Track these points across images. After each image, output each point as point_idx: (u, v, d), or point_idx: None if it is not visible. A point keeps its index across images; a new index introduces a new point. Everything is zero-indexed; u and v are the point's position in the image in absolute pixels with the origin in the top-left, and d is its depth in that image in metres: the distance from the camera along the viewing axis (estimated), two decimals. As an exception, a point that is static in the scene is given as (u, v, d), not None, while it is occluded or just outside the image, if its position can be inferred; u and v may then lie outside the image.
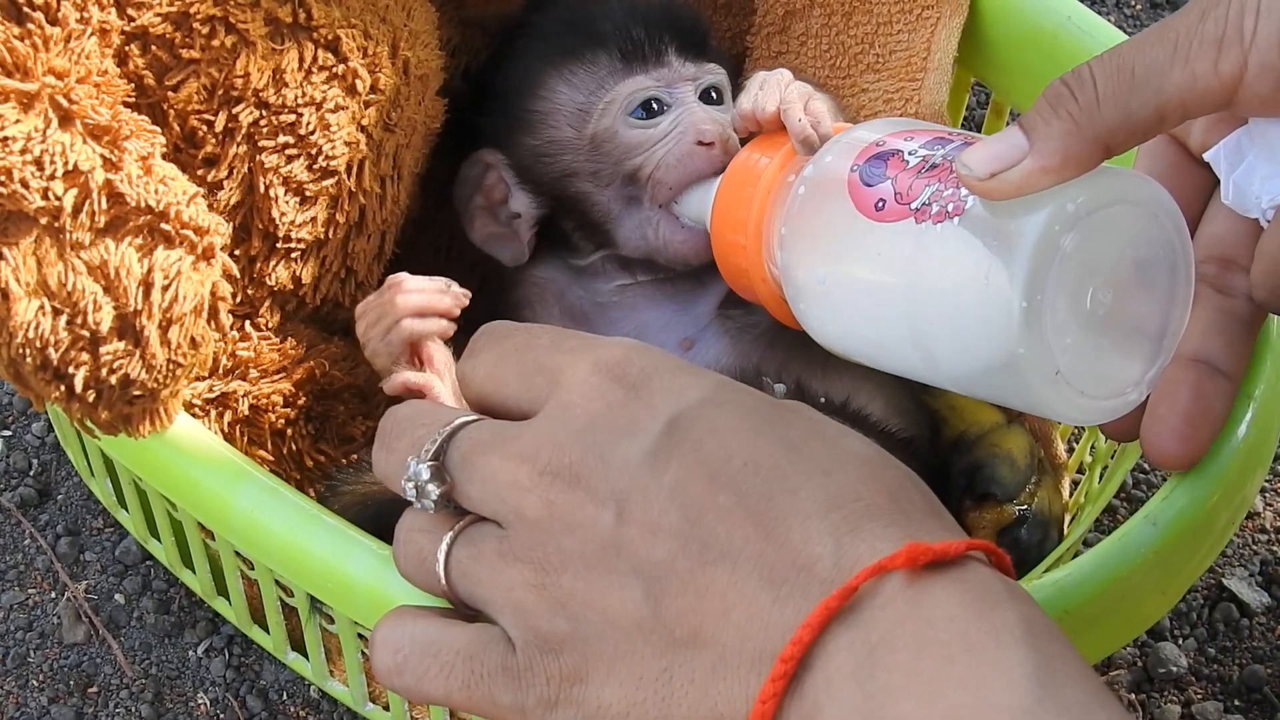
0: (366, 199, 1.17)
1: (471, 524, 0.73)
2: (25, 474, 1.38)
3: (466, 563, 0.72)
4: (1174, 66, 0.77)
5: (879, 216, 0.89)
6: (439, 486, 0.73)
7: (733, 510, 0.65)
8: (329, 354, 1.19)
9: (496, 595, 0.70)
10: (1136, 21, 1.72)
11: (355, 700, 1.17)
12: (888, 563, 0.62)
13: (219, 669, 1.28)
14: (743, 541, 0.64)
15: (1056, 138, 0.78)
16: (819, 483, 0.65)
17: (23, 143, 0.95)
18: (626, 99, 1.21)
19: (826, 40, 1.29)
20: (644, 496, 0.66)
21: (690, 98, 1.21)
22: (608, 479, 0.67)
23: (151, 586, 1.32)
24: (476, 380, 0.76)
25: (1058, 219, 0.80)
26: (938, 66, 1.22)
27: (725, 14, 1.41)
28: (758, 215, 1.05)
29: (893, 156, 0.92)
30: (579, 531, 0.68)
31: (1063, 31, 1.21)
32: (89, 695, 1.27)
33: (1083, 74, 0.78)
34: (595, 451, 0.68)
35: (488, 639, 0.71)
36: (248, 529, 1.05)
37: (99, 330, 0.96)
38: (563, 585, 0.68)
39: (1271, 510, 1.40)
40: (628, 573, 0.66)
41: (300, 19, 1.11)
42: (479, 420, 0.74)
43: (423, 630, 0.72)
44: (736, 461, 0.66)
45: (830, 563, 0.63)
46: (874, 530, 0.64)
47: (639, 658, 0.66)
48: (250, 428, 1.14)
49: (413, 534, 0.75)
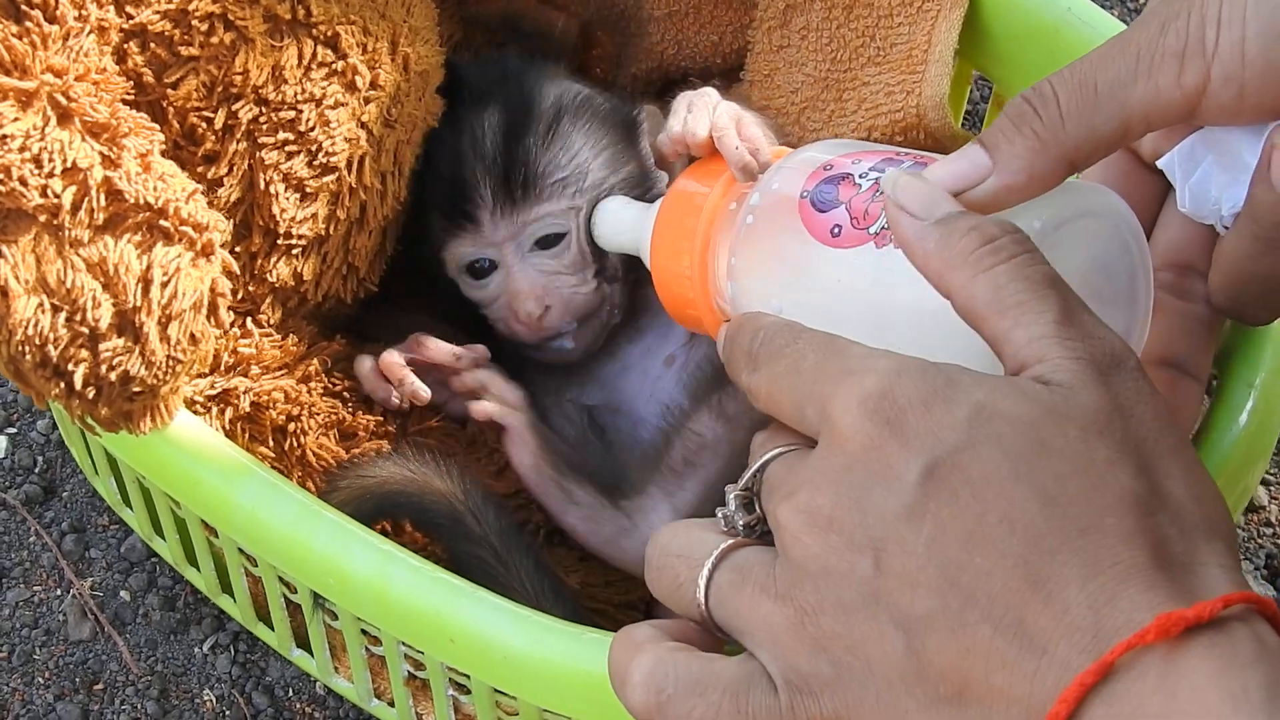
0: (367, 195, 1.17)
1: (734, 550, 0.72)
2: (30, 471, 1.38)
3: (726, 590, 0.71)
4: (1136, 80, 0.77)
5: (835, 243, 0.88)
6: (744, 516, 0.73)
7: (991, 573, 0.64)
8: (331, 351, 1.19)
9: (755, 628, 0.70)
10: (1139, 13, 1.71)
11: (360, 696, 1.17)
12: (1139, 639, 0.61)
13: (224, 665, 1.28)
14: (1003, 608, 0.64)
15: (1021, 155, 0.77)
16: (1076, 545, 0.64)
17: (21, 140, 0.95)
18: (456, 262, 1.23)
19: (827, 33, 1.29)
20: (901, 549, 0.66)
21: (511, 258, 1.21)
22: (864, 527, 0.66)
23: (157, 583, 1.32)
24: (759, 399, 0.75)
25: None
26: (939, 59, 1.22)
27: (726, 8, 1.41)
28: (702, 246, 1.02)
29: (843, 180, 0.90)
30: (835, 576, 0.67)
31: (1064, 24, 1.21)
32: (95, 692, 1.27)
33: (1044, 91, 0.78)
34: (851, 497, 0.67)
35: (750, 676, 0.70)
36: (250, 526, 1.05)
37: (98, 327, 0.96)
38: (822, 627, 0.67)
39: (1277, 504, 1.39)
40: (887, 622, 0.66)
41: (299, 15, 1.10)
42: (785, 452, 0.73)
43: (685, 668, 0.71)
44: (992, 518, 0.65)
45: (1089, 636, 0.62)
46: (1131, 598, 0.63)
47: (902, 710, 0.66)
48: (252, 424, 1.14)
49: (669, 558, 0.75)
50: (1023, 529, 0.64)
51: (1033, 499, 0.65)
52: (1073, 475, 0.65)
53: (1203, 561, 0.65)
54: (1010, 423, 0.66)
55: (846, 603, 0.66)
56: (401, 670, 1.10)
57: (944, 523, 0.65)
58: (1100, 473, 0.66)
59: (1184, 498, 0.67)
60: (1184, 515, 0.66)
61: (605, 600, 1.16)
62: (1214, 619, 0.62)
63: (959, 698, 0.65)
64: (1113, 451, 0.66)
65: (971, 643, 0.64)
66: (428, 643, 1.02)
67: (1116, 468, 0.66)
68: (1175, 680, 0.60)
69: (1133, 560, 0.63)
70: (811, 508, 0.68)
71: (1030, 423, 0.66)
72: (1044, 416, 0.67)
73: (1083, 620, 0.62)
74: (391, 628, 1.04)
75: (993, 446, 0.66)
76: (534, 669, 0.97)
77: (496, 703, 1.04)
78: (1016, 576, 0.64)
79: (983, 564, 0.64)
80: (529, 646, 0.97)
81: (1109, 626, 0.62)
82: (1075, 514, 0.64)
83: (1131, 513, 0.65)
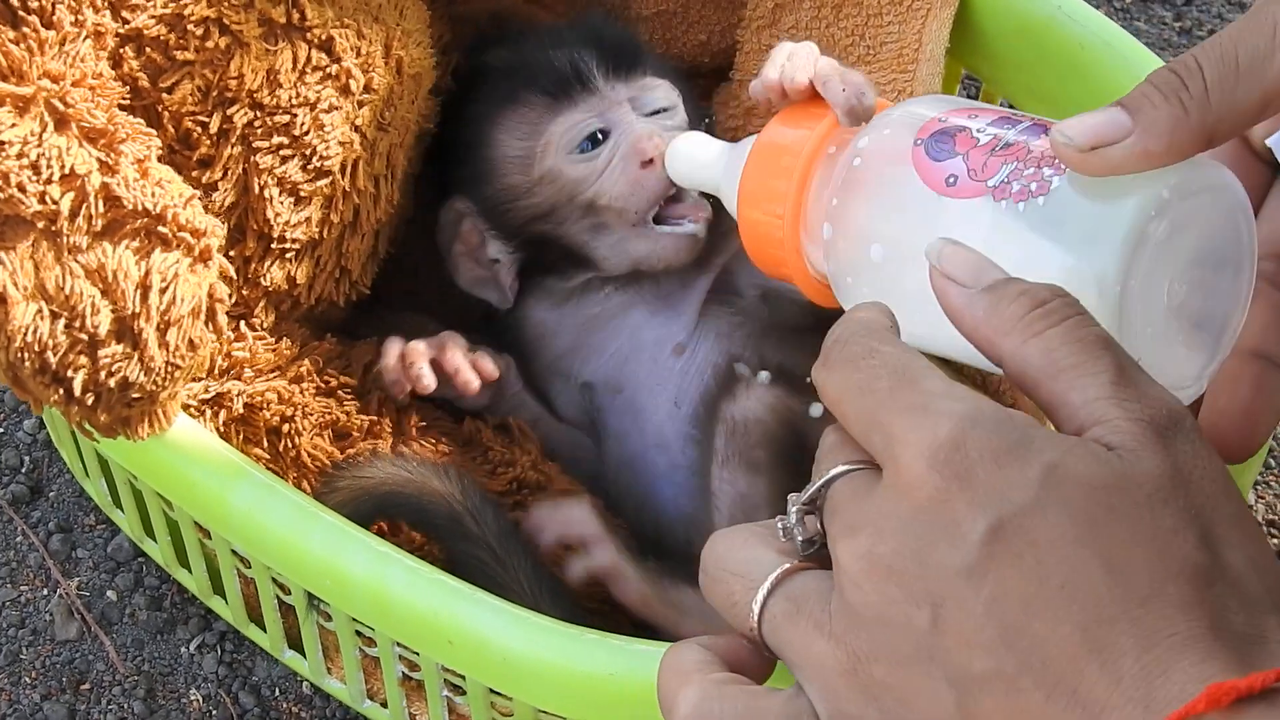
0: (360, 199, 1.17)
1: (790, 575, 0.71)
2: (17, 471, 1.38)
3: (780, 619, 0.71)
4: (1274, 54, 0.76)
5: (951, 192, 0.87)
6: (804, 532, 0.72)
7: (1047, 640, 0.63)
8: (323, 351, 1.19)
9: (807, 665, 0.69)
10: (1127, 14, 1.73)
11: (353, 697, 1.17)
12: (1190, 709, 0.60)
13: (211, 665, 1.28)
14: (1057, 674, 0.63)
15: (1164, 121, 0.76)
16: (1135, 615, 0.63)
17: (19, 147, 0.95)
18: (563, 137, 1.21)
19: (816, 33, 1.29)
20: (959, 608, 0.65)
21: (629, 118, 1.21)
22: (923, 581, 0.66)
23: (144, 583, 1.32)
24: (826, 400, 0.73)
25: (1152, 204, 0.79)
26: (929, 58, 1.22)
27: (714, 7, 1.41)
28: (798, 186, 1.00)
29: (960, 133, 0.89)
30: (891, 627, 0.66)
31: (1053, 22, 1.22)
32: (81, 692, 1.26)
33: (1190, 64, 0.77)
34: (912, 549, 0.66)
35: (796, 715, 0.69)
36: (245, 527, 1.05)
37: (97, 333, 0.96)
38: (874, 675, 0.67)
39: (1264, 503, 1.40)
40: (940, 679, 0.65)
41: (294, 19, 1.10)
42: (852, 471, 0.72)
43: (731, 706, 0.70)
44: (1054, 582, 0.64)
45: (1140, 707, 0.62)
46: (1184, 670, 0.62)
47: None
48: (245, 426, 1.14)
49: (724, 573, 0.73)
50: (1084, 596, 0.64)
51: (1097, 565, 0.64)
52: (1138, 543, 0.65)
53: (1262, 635, 0.64)
54: (1080, 486, 0.65)
55: (901, 655, 0.66)
56: (396, 671, 1.10)
57: (1005, 584, 0.64)
58: (1165, 541, 0.65)
59: (1244, 568, 0.66)
60: (1245, 586, 0.65)
61: (602, 599, 1.16)
62: (1267, 690, 0.61)
63: None
64: (1176, 520, 0.66)
65: (1024, 707, 0.63)
66: (425, 644, 1.02)
67: (1180, 536, 0.65)
68: None
69: (1190, 632, 0.63)
70: (873, 555, 0.67)
71: (1100, 488, 0.65)
72: (1113, 482, 0.66)
73: (1136, 691, 0.62)
74: (388, 629, 1.04)
75: (1061, 510, 0.65)
76: (532, 670, 0.97)
77: (492, 703, 1.05)
78: (1073, 644, 0.63)
79: (1040, 629, 0.64)
80: (527, 648, 0.97)
81: (1161, 698, 0.62)
82: (1138, 583, 0.64)
83: (1192, 583, 0.64)
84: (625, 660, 0.95)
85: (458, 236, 1.27)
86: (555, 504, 1.17)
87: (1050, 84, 1.24)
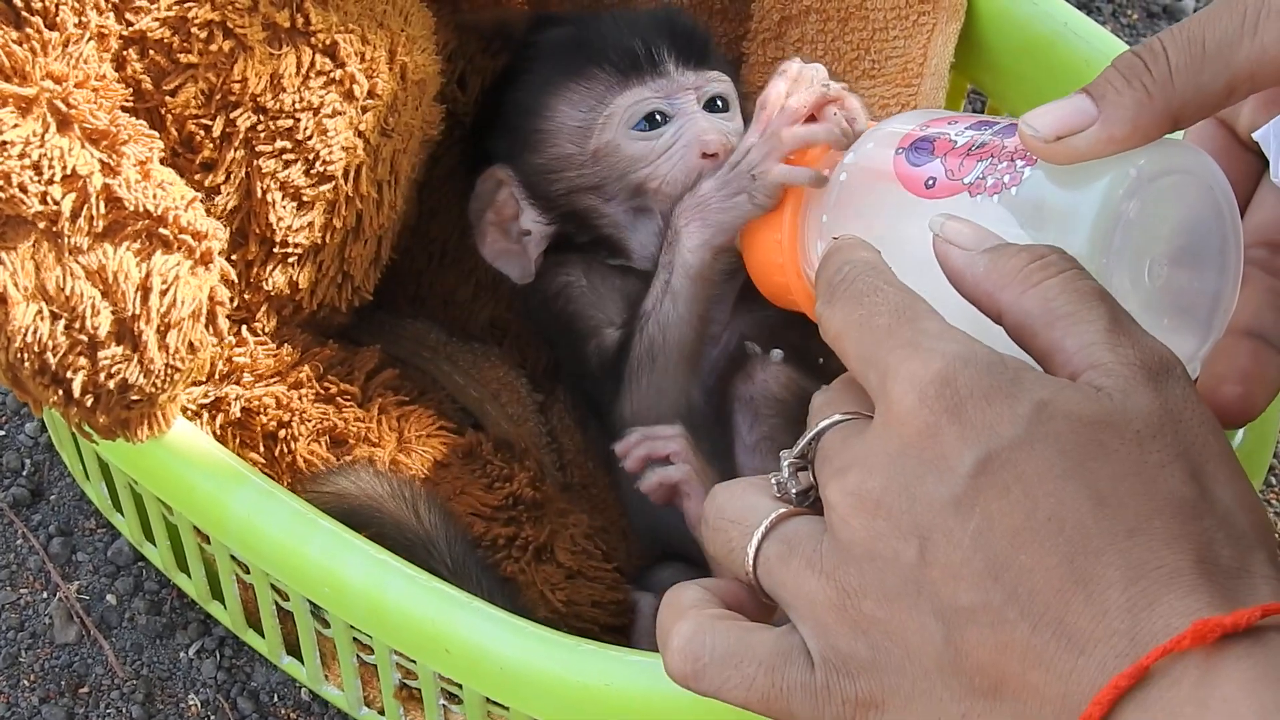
0: (363, 204, 1.17)
1: (784, 520, 0.73)
2: (18, 474, 1.38)
3: (774, 561, 0.72)
4: (1243, 38, 0.77)
5: (930, 194, 0.89)
6: (797, 485, 0.74)
7: (1034, 570, 0.64)
8: (323, 357, 1.19)
9: (799, 602, 0.70)
10: (1134, 30, 1.73)
11: (350, 705, 1.17)
12: (1175, 644, 0.61)
13: (210, 670, 1.27)
14: (1043, 606, 0.64)
15: (1128, 107, 0.77)
16: (1122, 547, 0.64)
17: (21, 147, 0.95)
18: (627, 111, 1.21)
19: (822, 46, 1.29)
20: (947, 540, 0.66)
21: (693, 107, 1.21)
22: (912, 514, 0.67)
23: (143, 587, 1.32)
24: (827, 335, 0.74)
25: (1121, 183, 0.80)
26: (934, 73, 1.22)
27: (721, 19, 1.41)
28: (793, 210, 1.04)
29: (938, 139, 0.91)
30: (879, 562, 0.67)
31: (1059, 38, 1.22)
32: (80, 696, 1.26)
33: (1154, 47, 0.78)
34: (901, 483, 0.67)
35: (787, 650, 0.71)
36: (244, 533, 1.05)
37: (97, 335, 0.96)
38: (863, 610, 0.68)
39: (1271, 510, 1.40)
40: (928, 613, 0.66)
41: (298, 24, 1.10)
42: (842, 421, 0.73)
43: (723, 639, 0.72)
44: (1041, 515, 0.65)
45: (1126, 639, 0.62)
46: (1170, 603, 0.63)
47: (937, 699, 0.66)
48: (242, 430, 1.14)
49: (723, 521, 0.75)
50: (1071, 528, 0.64)
51: (1084, 498, 0.65)
52: (1125, 477, 0.66)
53: (1248, 569, 0.65)
54: (1069, 422, 0.66)
55: (889, 589, 0.67)
56: (393, 679, 1.10)
57: (992, 517, 0.65)
58: (1151, 476, 0.66)
59: (1232, 505, 0.67)
60: (1232, 522, 0.66)
61: (591, 620, 1.16)
62: (1252, 628, 0.61)
63: (994, 692, 0.65)
64: (1164, 456, 0.66)
65: (1010, 639, 0.64)
66: (422, 652, 1.02)
67: (1167, 471, 0.66)
68: (1209, 689, 0.60)
69: (1176, 565, 0.64)
70: (861, 490, 0.68)
71: (1089, 424, 0.66)
72: (1102, 419, 0.67)
73: (1121, 623, 0.63)
74: (386, 637, 1.04)
75: (1049, 444, 0.66)
76: (529, 680, 0.97)
77: (488, 713, 1.04)
78: (1059, 575, 0.64)
79: (1027, 561, 0.64)
80: (524, 657, 0.97)
81: (1147, 630, 0.62)
82: (1125, 515, 0.65)
83: (1179, 517, 0.65)
84: (622, 670, 0.95)
85: (492, 205, 1.27)
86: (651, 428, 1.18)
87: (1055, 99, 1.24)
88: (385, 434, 1.17)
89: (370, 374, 1.22)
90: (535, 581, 1.14)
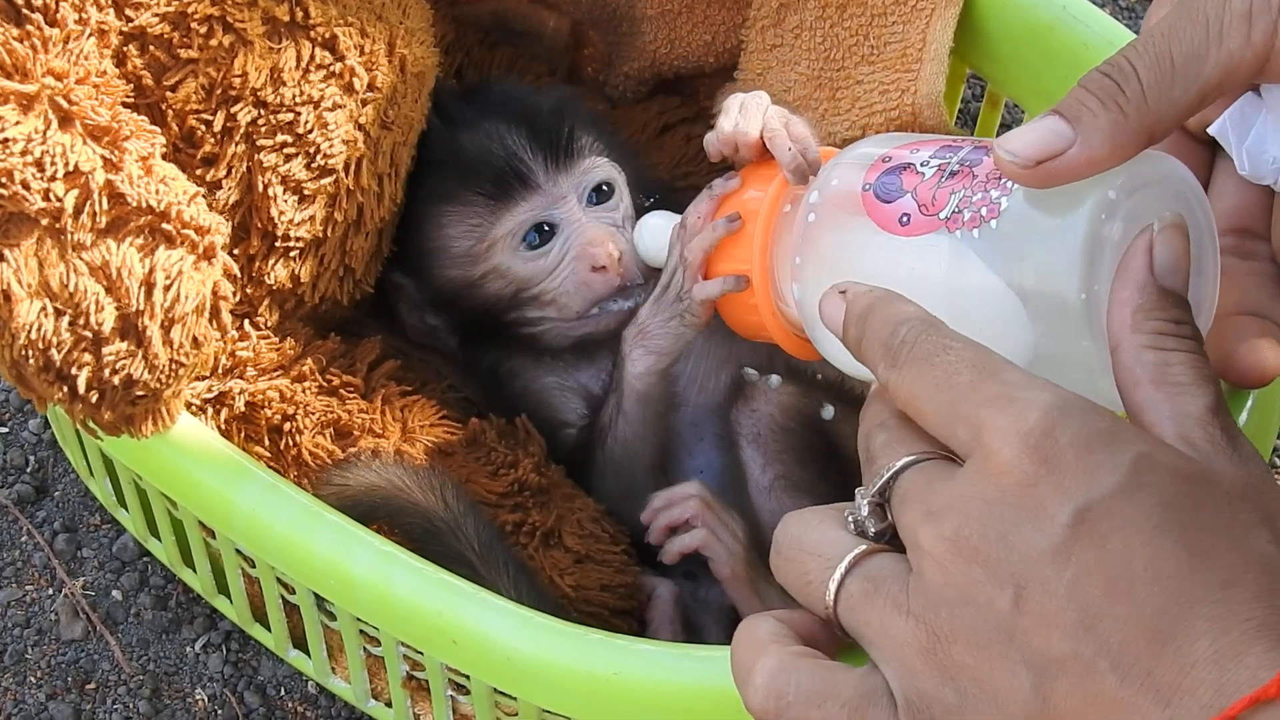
0: (364, 197, 1.17)
1: (867, 557, 0.72)
2: (23, 470, 1.38)
3: (858, 599, 0.71)
4: (1209, 48, 0.77)
5: (905, 231, 0.88)
6: (876, 524, 0.73)
7: (1128, 621, 0.64)
8: (326, 350, 1.19)
9: (884, 643, 0.70)
10: (1132, 13, 1.72)
11: (357, 697, 1.17)
12: (1262, 693, 0.61)
13: (217, 665, 1.28)
14: (1134, 657, 0.64)
15: (1105, 129, 0.77)
16: (1216, 598, 0.64)
17: (23, 144, 0.95)
18: (509, 235, 1.21)
19: (821, 32, 1.29)
20: (1042, 589, 0.66)
21: (575, 212, 1.22)
22: (1008, 562, 0.67)
23: (149, 582, 1.32)
24: (899, 398, 0.74)
25: (1102, 208, 0.79)
26: (934, 57, 1.22)
27: (720, 7, 1.41)
28: (761, 250, 1.04)
29: (905, 170, 0.90)
30: (972, 608, 0.67)
31: (1059, 23, 1.21)
32: (87, 691, 1.27)
33: (1123, 66, 0.78)
34: (998, 531, 0.67)
35: (870, 692, 0.70)
36: (250, 527, 1.05)
37: (101, 331, 0.96)
38: (953, 655, 0.67)
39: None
40: (1018, 661, 0.66)
41: (298, 17, 1.10)
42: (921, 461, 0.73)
43: (807, 678, 0.71)
44: (1138, 565, 0.65)
45: (1212, 690, 0.63)
46: (1257, 656, 0.63)
47: None
48: (247, 424, 1.14)
49: (798, 553, 0.74)
50: (1167, 578, 0.65)
51: (1181, 549, 0.65)
52: (1219, 532, 0.66)
53: None
54: (1168, 476, 0.67)
55: (980, 636, 0.67)
56: (400, 671, 1.10)
57: (1088, 567, 0.65)
58: (1242, 534, 0.67)
59: None
60: None
61: (600, 604, 1.16)
62: None
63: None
64: (1252, 517, 0.67)
65: (1099, 690, 0.64)
66: (430, 644, 1.02)
67: (1255, 531, 0.67)
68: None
69: (1265, 619, 0.64)
70: (959, 537, 0.68)
71: (1186, 479, 0.67)
72: (1197, 475, 0.67)
73: (1208, 675, 0.63)
74: (393, 629, 1.04)
75: (1149, 495, 0.66)
76: (537, 670, 0.97)
77: (496, 703, 1.04)
78: (1152, 627, 0.64)
79: (1122, 612, 0.64)
80: (532, 648, 0.97)
81: (1232, 681, 0.63)
82: (1219, 568, 0.65)
83: (1268, 573, 0.65)
84: (629, 660, 0.95)
85: (400, 299, 1.29)
86: (669, 491, 1.18)
87: (1055, 84, 1.23)
88: (389, 425, 1.17)
89: (372, 365, 1.22)
90: (544, 567, 1.15)
